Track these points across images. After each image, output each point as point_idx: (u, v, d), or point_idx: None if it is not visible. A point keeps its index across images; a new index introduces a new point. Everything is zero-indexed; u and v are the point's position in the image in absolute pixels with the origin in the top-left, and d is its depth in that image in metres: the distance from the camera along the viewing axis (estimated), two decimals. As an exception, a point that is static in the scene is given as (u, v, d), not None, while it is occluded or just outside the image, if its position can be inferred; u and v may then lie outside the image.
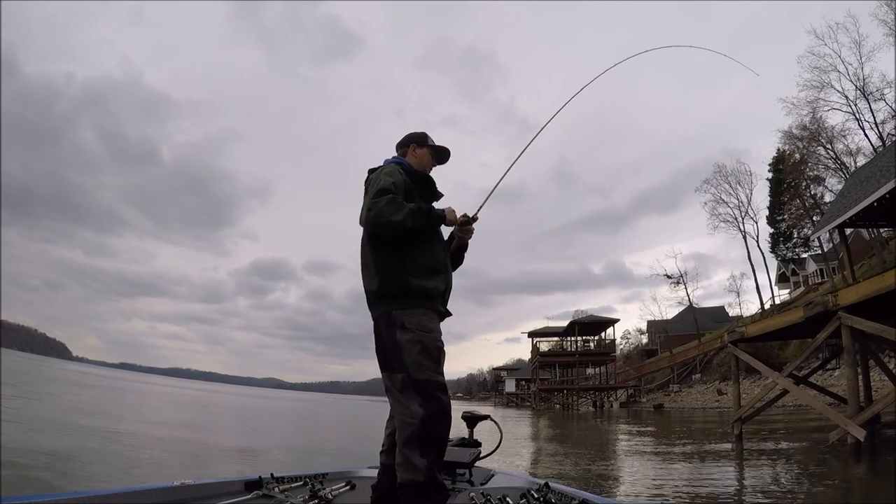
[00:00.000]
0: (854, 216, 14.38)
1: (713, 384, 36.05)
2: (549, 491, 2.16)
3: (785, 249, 40.01)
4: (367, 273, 1.92)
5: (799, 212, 37.61)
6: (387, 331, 1.84)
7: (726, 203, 41.40)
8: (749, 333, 11.73)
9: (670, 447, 11.74)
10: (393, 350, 1.81)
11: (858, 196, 14.90)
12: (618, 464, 9.26)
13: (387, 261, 1.88)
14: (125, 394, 28.05)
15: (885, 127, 30.97)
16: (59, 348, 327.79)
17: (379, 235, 1.87)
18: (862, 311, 9.05)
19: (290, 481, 2.14)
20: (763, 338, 12.22)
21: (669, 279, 45.11)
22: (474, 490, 2.21)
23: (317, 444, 13.35)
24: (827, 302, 9.32)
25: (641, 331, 58.81)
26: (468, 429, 2.79)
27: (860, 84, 31.63)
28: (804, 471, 7.72)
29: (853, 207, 14.68)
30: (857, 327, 8.83)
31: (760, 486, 6.96)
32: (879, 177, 14.11)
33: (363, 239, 1.96)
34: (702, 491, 6.74)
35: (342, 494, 2.13)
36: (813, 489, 6.74)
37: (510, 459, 9.66)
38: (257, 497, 1.90)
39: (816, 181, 35.95)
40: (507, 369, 64.97)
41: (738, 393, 12.25)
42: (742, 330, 12.10)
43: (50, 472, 5.55)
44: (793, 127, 34.63)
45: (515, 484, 2.48)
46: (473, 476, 2.55)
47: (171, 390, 45.40)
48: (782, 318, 10.58)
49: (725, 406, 29.09)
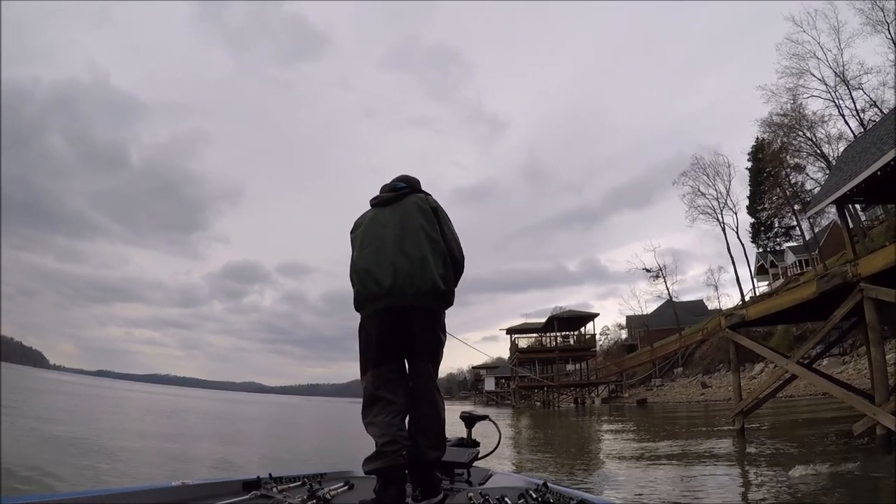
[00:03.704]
0: (854, 189, 13.24)
1: (696, 377, 35.34)
2: (547, 491, 2.02)
3: (766, 239, 39.46)
4: (426, 268, 2.08)
5: (780, 201, 37.06)
6: (434, 326, 2.11)
7: (704, 195, 40.72)
8: (750, 316, 10.37)
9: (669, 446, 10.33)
10: (436, 344, 2.13)
11: (858, 167, 13.72)
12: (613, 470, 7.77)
13: (445, 270, 2.17)
14: (105, 401, 27.12)
15: (865, 115, 30.43)
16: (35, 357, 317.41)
17: (459, 268, 2.29)
18: (884, 284, 7.74)
19: (289, 481, 2.08)
20: (765, 321, 10.89)
21: (648, 273, 44.45)
22: (472, 490, 2.16)
23: (302, 448, 12.68)
24: (846, 272, 7.97)
25: (621, 325, 58.20)
26: (466, 429, 2.77)
27: (840, 70, 31.06)
28: (832, 467, 6.31)
29: (852, 179, 13.54)
30: (885, 299, 7.50)
31: (780, 488, 5.56)
32: (881, 145, 12.95)
33: (424, 234, 2.16)
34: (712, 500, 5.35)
35: (341, 494, 2.03)
36: (845, 489, 5.39)
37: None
38: (255, 497, 1.85)
39: (797, 169, 35.38)
40: (486, 367, 63.67)
41: (738, 383, 10.88)
42: (742, 313, 10.74)
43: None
44: (773, 114, 33.93)
45: (514, 484, 2.43)
46: (472, 476, 2.54)
47: (151, 397, 43.55)
48: (791, 295, 9.21)
49: (711, 399, 28.23)
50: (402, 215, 2.19)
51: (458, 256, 2.27)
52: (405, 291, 2.04)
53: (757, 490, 5.85)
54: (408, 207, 2.22)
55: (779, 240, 39.57)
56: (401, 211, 2.21)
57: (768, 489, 5.75)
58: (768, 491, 5.66)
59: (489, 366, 60.90)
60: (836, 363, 22.38)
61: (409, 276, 2.05)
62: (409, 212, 2.20)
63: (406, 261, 2.07)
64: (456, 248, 2.26)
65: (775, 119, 33.74)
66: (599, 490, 6.14)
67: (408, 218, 2.18)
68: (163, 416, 20.72)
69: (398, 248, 2.10)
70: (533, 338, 44.11)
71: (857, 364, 21.37)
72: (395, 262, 2.06)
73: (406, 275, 2.05)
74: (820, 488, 5.56)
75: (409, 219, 2.18)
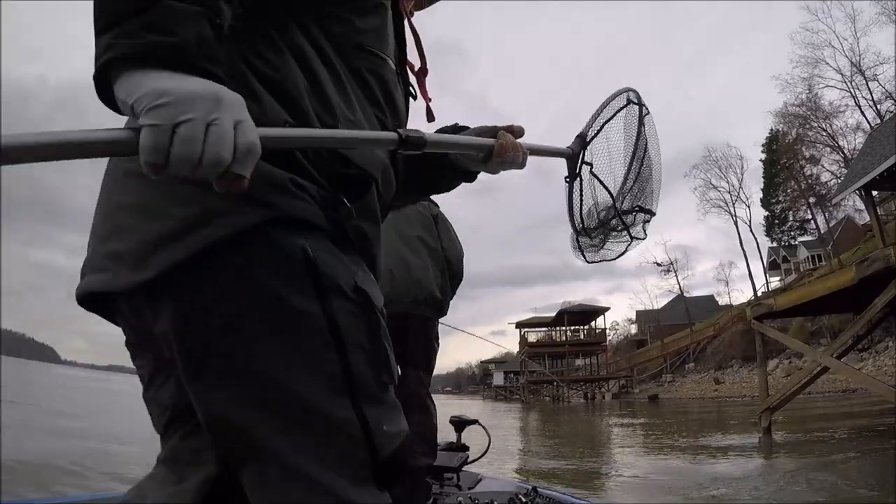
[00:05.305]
0: (885, 173, 12.67)
1: (708, 373, 34.72)
2: (536, 495, 2.17)
3: (780, 233, 38.69)
4: (422, 277, 2.12)
5: (794, 193, 36.33)
6: (429, 334, 2.17)
7: (716, 188, 40.00)
8: (779, 306, 9.86)
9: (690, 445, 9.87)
10: (429, 352, 2.17)
11: (887, 151, 13.18)
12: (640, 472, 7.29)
13: (442, 279, 2.21)
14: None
15: (881, 106, 29.61)
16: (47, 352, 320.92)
17: (457, 278, 2.30)
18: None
19: None
20: (794, 311, 10.38)
21: (660, 267, 43.84)
22: (462, 494, 2.24)
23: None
24: (889, 256, 7.45)
25: (631, 320, 57.61)
26: (456, 433, 2.76)
27: (856, 60, 30.28)
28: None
29: (883, 163, 12.96)
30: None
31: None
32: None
33: (421, 242, 2.20)
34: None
35: None
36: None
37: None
38: None
39: (812, 161, 34.62)
40: (495, 362, 63.37)
41: (764, 378, 10.37)
42: (770, 303, 10.23)
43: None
44: (788, 104, 33.19)
45: (503, 488, 2.47)
46: (461, 480, 2.54)
47: None
48: (825, 282, 8.69)
49: (725, 395, 27.70)
50: (403, 223, 2.20)
51: (456, 267, 2.28)
52: (401, 300, 2.07)
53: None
54: (409, 214, 2.23)
55: (793, 233, 38.74)
56: (402, 218, 2.21)
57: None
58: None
59: (498, 360, 60.56)
60: (853, 360, 21.74)
61: (406, 285, 2.09)
62: (410, 219, 2.22)
63: (403, 269, 2.10)
64: (454, 257, 2.27)
65: (790, 109, 33.07)
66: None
67: (407, 226, 2.20)
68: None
69: (396, 256, 2.11)
70: (542, 332, 43.74)
71: (876, 360, 20.75)
72: (393, 271, 2.08)
73: (402, 283, 2.08)
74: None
75: (409, 227, 2.20)
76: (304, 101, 0.67)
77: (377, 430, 0.65)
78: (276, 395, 0.61)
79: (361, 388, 0.65)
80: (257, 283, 0.61)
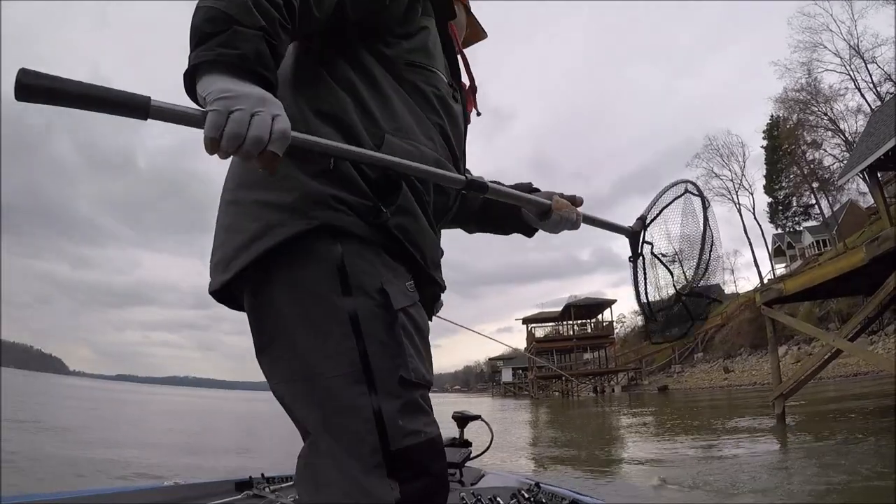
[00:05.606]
0: (890, 152, 12.58)
1: (717, 362, 34.64)
2: (539, 491, 2.09)
3: (784, 219, 38.49)
4: None
5: (797, 179, 36.13)
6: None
7: (719, 176, 39.79)
8: (788, 290, 9.80)
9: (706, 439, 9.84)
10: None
11: (891, 131, 13.09)
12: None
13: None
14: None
15: (881, 88, 29.41)
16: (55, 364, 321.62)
17: None
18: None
19: (281, 481, 2.09)
20: (804, 295, 10.32)
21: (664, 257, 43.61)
22: (464, 490, 2.13)
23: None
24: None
25: (637, 312, 57.43)
26: (458, 429, 2.72)
27: (854, 42, 30.09)
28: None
29: (886, 143, 12.87)
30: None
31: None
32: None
33: None
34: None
35: None
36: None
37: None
38: (248, 497, 1.91)
39: (814, 146, 34.41)
40: (503, 359, 63.32)
41: (776, 364, 10.34)
42: (779, 287, 10.18)
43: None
44: (788, 90, 32.99)
45: (506, 484, 2.39)
46: (464, 476, 2.47)
47: (174, 399, 44.21)
48: (835, 264, 8.64)
49: (735, 384, 27.62)
50: None
51: None
52: None
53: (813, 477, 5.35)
54: None
55: (797, 219, 38.54)
56: None
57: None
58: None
59: (506, 357, 60.50)
60: (863, 343, 21.61)
61: None
62: None
63: None
64: None
65: (790, 95, 32.88)
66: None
67: None
68: (200, 416, 20.58)
69: None
70: (549, 327, 43.61)
71: (885, 343, 20.64)
72: None
73: None
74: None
75: None
76: (356, 125, 0.85)
77: (391, 421, 0.74)
78: (307, 373, 0.77)
79: (379, 378, 0.76)
80: (297, 281, 0.79)
